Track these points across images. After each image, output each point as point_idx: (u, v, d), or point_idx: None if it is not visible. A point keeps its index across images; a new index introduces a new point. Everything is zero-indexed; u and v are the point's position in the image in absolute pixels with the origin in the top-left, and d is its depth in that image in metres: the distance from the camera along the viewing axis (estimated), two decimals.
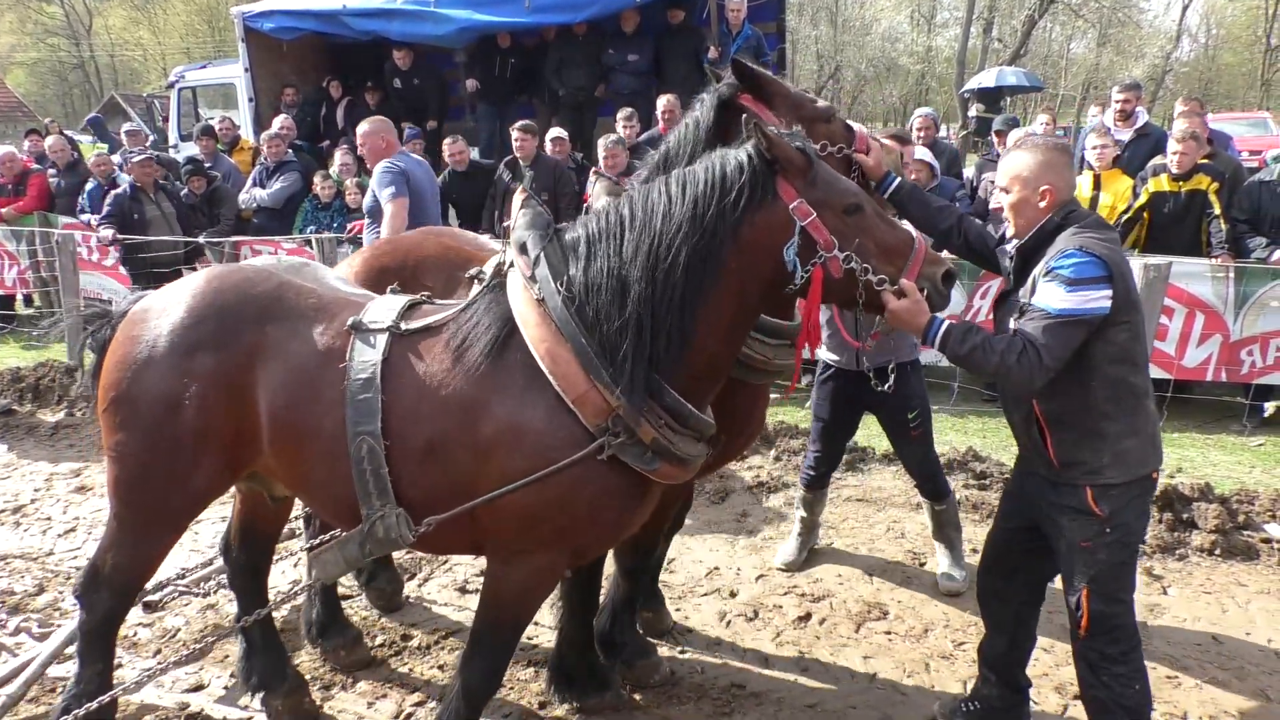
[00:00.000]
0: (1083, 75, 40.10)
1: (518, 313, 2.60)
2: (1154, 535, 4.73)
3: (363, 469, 2.59)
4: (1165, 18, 42.06)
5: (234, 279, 2.88)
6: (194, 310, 2.79)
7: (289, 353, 2.72)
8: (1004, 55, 34.48)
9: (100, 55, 47.80)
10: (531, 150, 8.01)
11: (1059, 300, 2.57)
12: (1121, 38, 39.38)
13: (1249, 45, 39.50)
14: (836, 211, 2.51)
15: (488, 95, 10.47)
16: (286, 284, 2.86)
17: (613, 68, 9.85)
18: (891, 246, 2.56)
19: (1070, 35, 41.91)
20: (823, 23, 40.82)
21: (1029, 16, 35.25)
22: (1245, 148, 11.92)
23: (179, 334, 2.76)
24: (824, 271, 2.50)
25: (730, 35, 9.33)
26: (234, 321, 2.75)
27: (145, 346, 2.77)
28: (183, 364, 2.72)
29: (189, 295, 2.84)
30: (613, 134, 7.81)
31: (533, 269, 2.62)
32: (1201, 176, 6.65)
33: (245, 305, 2.78)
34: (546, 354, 2.52)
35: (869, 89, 43.44)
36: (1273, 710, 3.44)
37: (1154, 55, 39.14)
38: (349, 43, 10.82)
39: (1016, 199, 2.78)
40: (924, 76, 42.13)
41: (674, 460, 2.60)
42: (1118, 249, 2.68)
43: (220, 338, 2.74)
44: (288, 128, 9.83)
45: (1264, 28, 37.38)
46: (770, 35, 10.36)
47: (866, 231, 2.53)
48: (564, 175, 8.11)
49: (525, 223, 2.77)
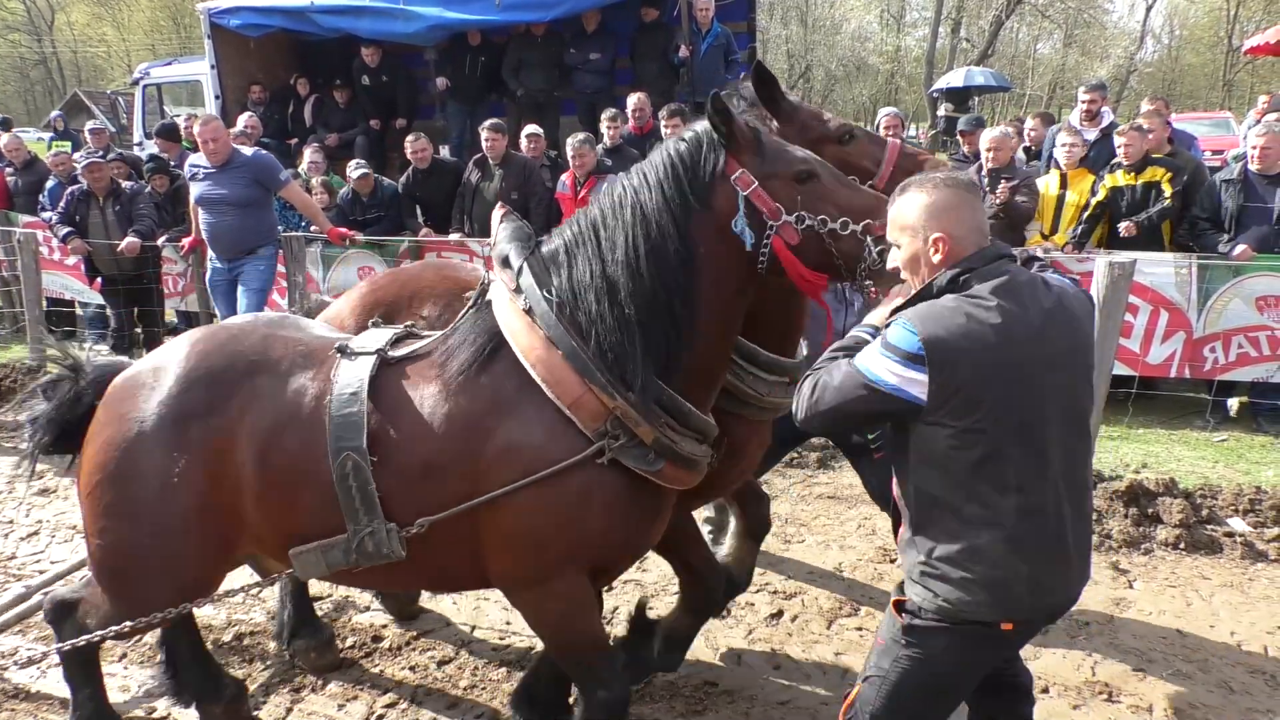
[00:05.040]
0: (1049, 75, 40.54)
1: (504, 325, 2.55)
2: (1120, 530, 4.79)
3: (348, 485, 2.50)
4: (1129, 19, 42.74)
5: (219, 339, 2.77)
6: (182, 378, 2.66)
7: (277, 401, 2.61)
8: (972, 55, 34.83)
9: (63, 51, 47.04)
10: (501, 149, 7.97)
11: (867, 355, 2.22)
12: (1087, 38, 39.91)
13: (1211, 46, 40.10)
14: (786, 180, 2.46)
15: (458, 94, 10.40)
16: (271, 336, 2.76)
17: (574, 67, 9.83)
18: (856, 207, 2.45)
19: (1037, 36, 42.39)
20: (793, 22, 40.98)
21: (996, 17, 35.63)
22: (1208, 147, 12.07)
23: (168, 406, 2.63)
24: (781, 240, 2.44)
25: (700, 34, 9.34)
26: (223, 384, 2.64)
27: (134, 424, 2.63)
28: (173, 439, 2.60)
29: (175, 363, 2.71)
30: (580, 133, 7.79)
31: (517, 280, 2.57)
32: (1156, 168, 6.78)
33: (233, 364, 2.67)
34: (538, 362, 2.47)
35: (839, 88, 43.65)
36: (1236, 702, 3.50)
37: (1119, 56, 39.70)
38: (317, 40, 10.72)
39: (907, 255, 2.28)
40: (893, 76, 42.43)
41: (678, 461, 2.53)
42: (986, 329, 2.11)
43: (210, 403, 2.62)
44: (254, 125, 9.73)
45: (1225, 29, 37.97)
46: (741, 34, 10.38)
47: (824, 197, 2.46)
48: (534, 174, 8.08)
49: (506, 236, 2.74)
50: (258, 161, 6.89)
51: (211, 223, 6.86)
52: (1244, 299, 6.40)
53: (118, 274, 8.33)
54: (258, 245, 6.92)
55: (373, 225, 8.32)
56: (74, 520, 5.20)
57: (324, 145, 9.93)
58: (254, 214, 6.87)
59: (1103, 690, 3.57)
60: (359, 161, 8.70)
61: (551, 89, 10.05)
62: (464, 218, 8.16)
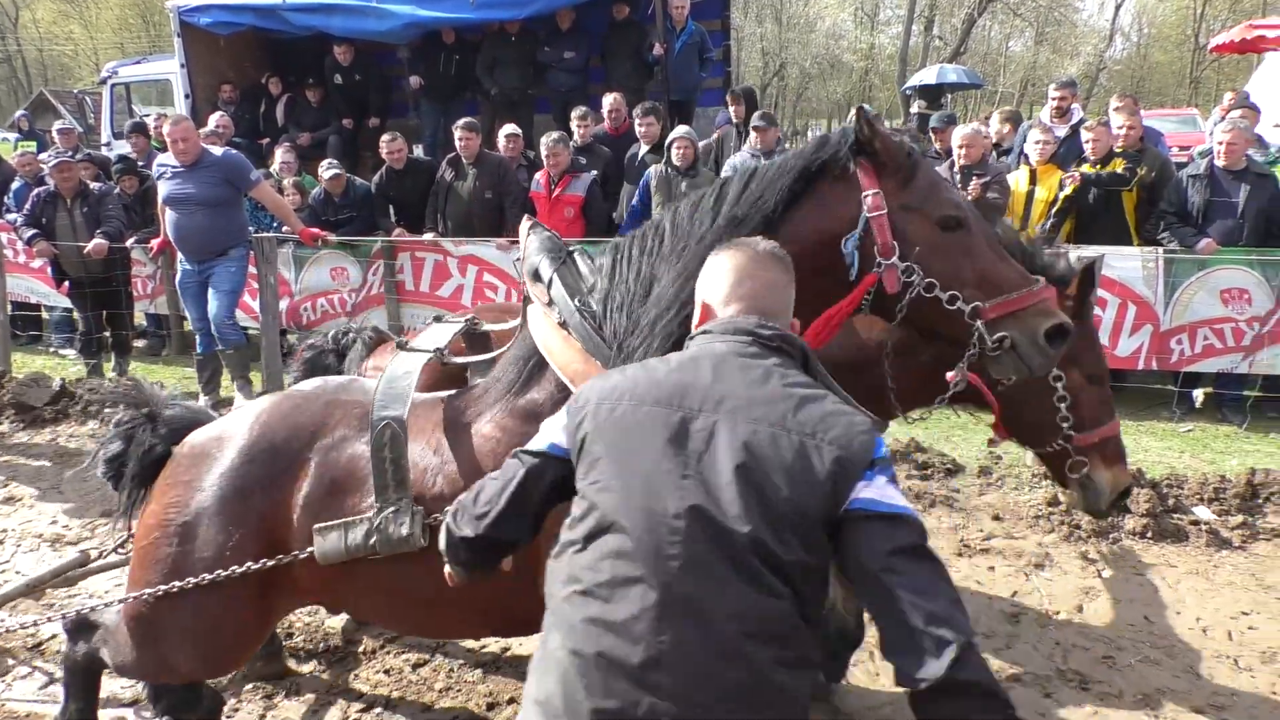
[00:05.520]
0: (1021, 73, 40.93)
1: (540, 341, 2.44)
2: (1088, 520, 4.85)
3: (382, 456, 2.42)
4: (1099, 17, 43.10)
5: (283, 409, 2.69)
6: (246, 450, 2.60)
7: (330, 459, 2.54)
8: (945, 53, 35.06)
9: (28, 50, 46.36)
10: (475, 148, 7.95)
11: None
12: (1058, 36, 40.31)
13: (1179, 44, 40.61)
14: (924, 219, 2.22)
15: (432, 92, 10.37)
16: (333, 403, 2.69)
17: (549, 65, 9.83)
18: (997, 278, 2.21)
19: (1009, 34, 42.78)
20: (768, 20, 41.11)
21: (968, 15, 35.92)
22: (1175, 143, 12.23)
23: (230, 478, 2.56)
24: (878, 281, 2.22)
25: (674, 32, 9.36)
26: (284, 458, 2.57)
27: (197, 492, 2.58)
28: (233, 510, 2.54)
29: (242, 432, 2.64)
30: (554, 132, 7.80)
31: (549, 294, 2.46)
32: (1119, 162, 6.87)
33: (294, 437, 2.61)
34: (575, 376, 2.30)
35: (814, 86, 43.89)
36: (1202, 686, 3.56)
37: (1089, 54, 40.11)
38: (289, 38, 10.64)
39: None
40: (867, 73, 42.67)
41: None
42: (618, 384, 1.81)
43: (273, 475, 2.55)
44: (225, 125, 9.65)
45: (1192, 27, 38.46)
46: (715, 32, 10.40)
47: (966, 253, 2.22)
48: (509, 173, 8.06)
49: (535, 247, 2.60)
50: (227, 161, 6.84)
51: (180, 223, 6.79)
52: (1209, 291, 6.50)
53: (85, 276, 8.23)
54: (228, 246, 6.86)
55: (345, 225, 8.27)
56: (40, 529, 5.15)
57: (296, 145, 9.87)
58: (224, 214, 6.81)
59: (1074, 678, 3.62)
60: (331, 161, 8.66)
61: (525, 87, 10.04)
62: (438, 217, 8.14)
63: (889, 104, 37.19)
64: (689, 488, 1.63)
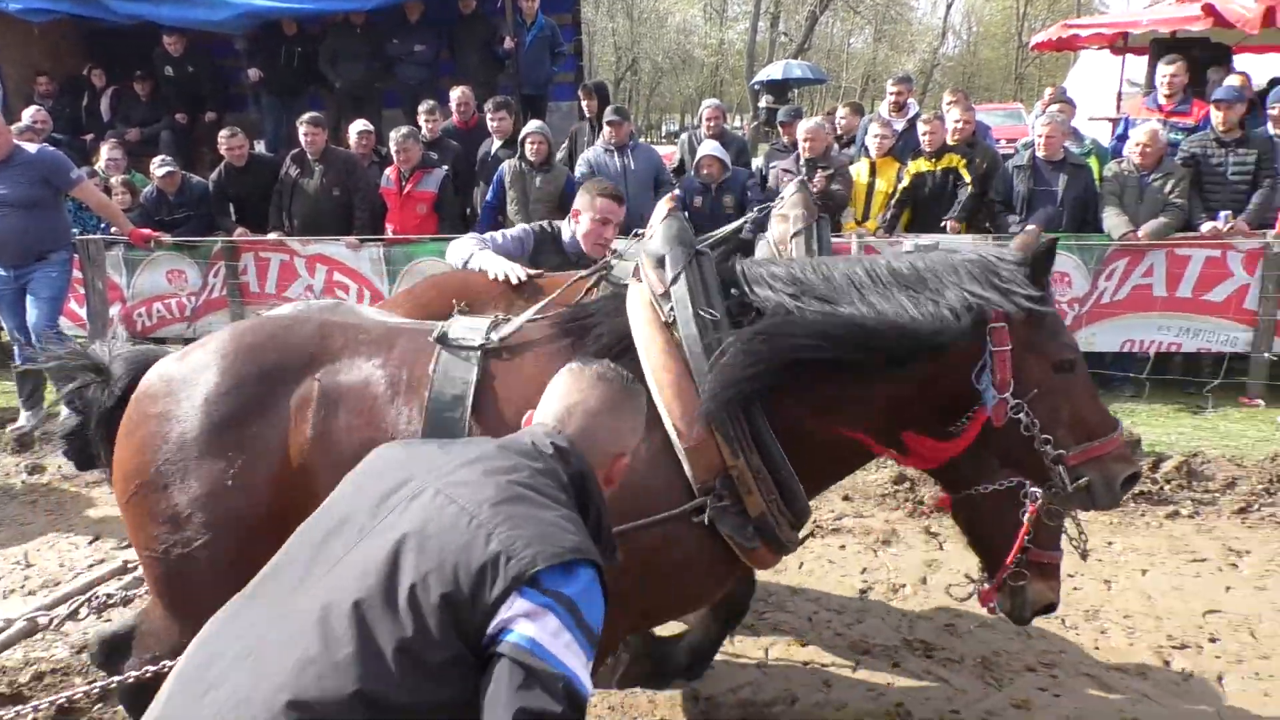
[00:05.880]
0: (862, 69, 42.67)
1: (638, 332, 2.30)
2: (930, 495, 5.11)
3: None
4: (932, 15, 45.35)
5: (268, 330, 2.49)
6: (231, 373, 2.38)
7: (348, 397, 2.34)
8: (790, 49, 36.13)
9: None
10: (321, 144, 7.68)
11: None
12: (895, 33, 42.27)
13: (1004, 42, 43.16)
14: (1043, 361, 2.27)
15: (272, 86, 9.94)
16: (328, 323, 2.49)
17: (397, 58, 9.59)
18: (1089, 423, 2.29)
19: (850, 31, 44.47)
20: (619, 15, 41.37)
21: (811, 12, 37.12)
22: (1002, 136, 12.98)
23: (217, 404, 2.34)
24: (985, 414, 2.25)
25: (524, 26, 9.30)
26: (280, 380, 2.37)
27: (176, 423, 2.35)
28: (225, 438, 2.32)
29: (220, 357, 2.42)
30: (404, 127, 7.63)
31: (668, 286, 2.31)
32: (952, 155, 7.26)
33: (289, 358, 2.40)
34: (668, 386, 2.19)
35: (666, 80, 44.47)
36: (1032, 646, 3.79)
37: (924, 50, 42.18)
38: (112, 26, 9.98)
39: None
40: (718, 69, 43.54)
41: (772, 544, 2.28)
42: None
43: (267, 401, 2.35)
44: (43, 120, 8.97)
45: (1016, 26, 40.93)
46: (566, 27, 10.40)
47: (1069, 395, 2.28)
48: (357, 170, 7.83)
49: (665, 235, 2.43)
50: (44, 159, 6.37)
51: None
52: None
53: None
54: (48, 250, 6.39)
55: (182, 225, 7.85)
56: None
57: (124, 141, 9.26)
58: (42, 216, 6.33)
59: (919, 647, 3.81)
60: (164, 158, 8.18)
61: (372, 81, 9.76)
62: (283, 216, 7.83)
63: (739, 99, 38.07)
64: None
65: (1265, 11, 7.40)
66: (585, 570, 1.51)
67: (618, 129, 7.60)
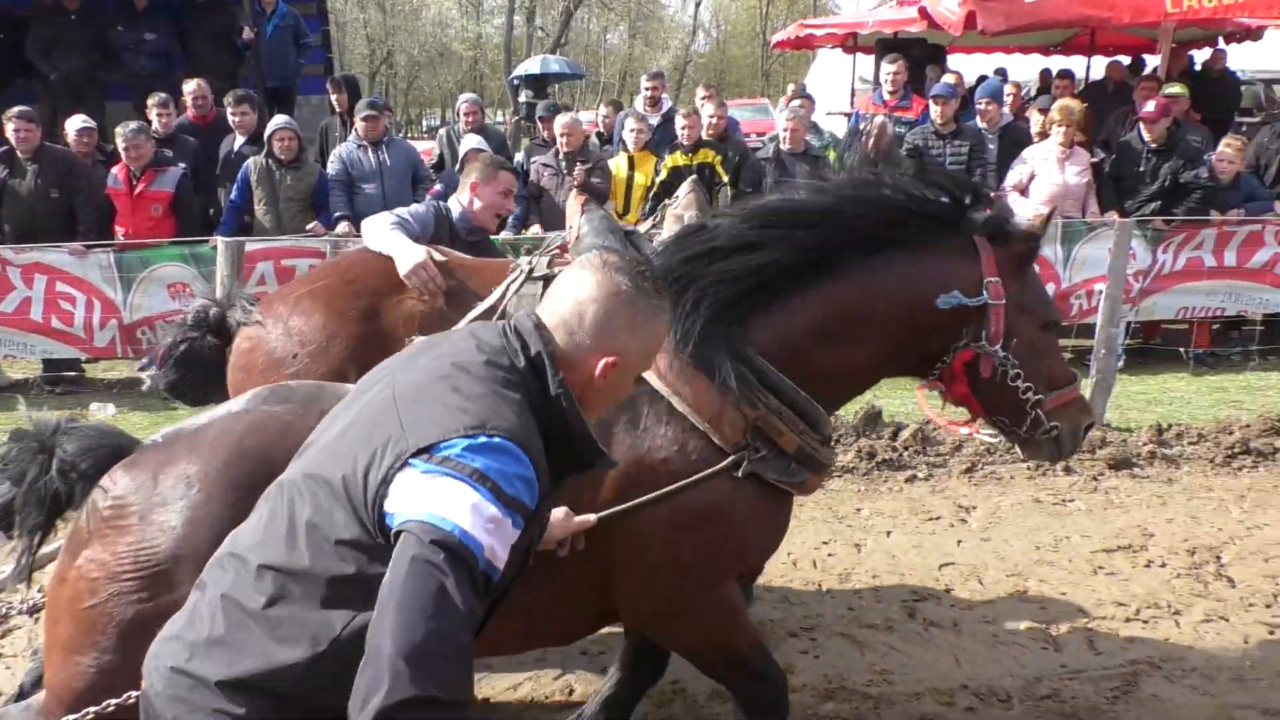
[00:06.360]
0: (619, 64, 43.55)
1: None
2: None
3: None
4: (683, 13, 47.00)
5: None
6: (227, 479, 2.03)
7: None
8: (547, 44, 36.31)
9: None
10: (35, 141, 6.92)
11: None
12: (649, 30, 43.44)
13: (750, 40, 45.42)
14: (1033, 320, 2.42)
15: None
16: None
17: (125, 47, 8.82)
18: (1055, 374, 2.48)
19: (605, 27, 45.27)
20: (370, 6, 39.94)
21: (566, 7, 37.48)
22: (750, 130, 13.68)
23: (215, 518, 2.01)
24: (973, 361, 2.39)
25: (265, 15, 8.82)
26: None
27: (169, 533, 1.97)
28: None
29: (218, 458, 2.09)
30: (133, 122, 7.02)
31: None
32: (707, 150, 7.57)
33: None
34: (665, 369, 2.27)
35: (423, 74, 43.45)
36: (794, 611, 4.00)
37: (677, 47, 43.66)
38: None
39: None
40: (476, 63, 43.02)
41: (817, 468, 2.40)
42: None
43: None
44: None
45: (760, 25, 43.21)
46: (311, 17, 9.97)
47: (1049, 352, 2.46)
48: (77, 169, 7.11)
49: (592, 231, 2.48)
50: None
51: None
52: None
53: None
54: None
55: None
56: None
57: None
58: None
59: None
60: None
61: (93, 71, 8.91)
62: None
63: (499, 93, 37.85)
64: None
65: (967, 16, 8.23)
66: (500, 443, 1.47)
67: (373, 124, 7.33)
